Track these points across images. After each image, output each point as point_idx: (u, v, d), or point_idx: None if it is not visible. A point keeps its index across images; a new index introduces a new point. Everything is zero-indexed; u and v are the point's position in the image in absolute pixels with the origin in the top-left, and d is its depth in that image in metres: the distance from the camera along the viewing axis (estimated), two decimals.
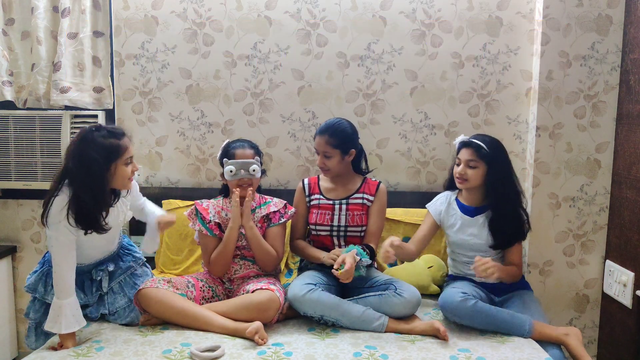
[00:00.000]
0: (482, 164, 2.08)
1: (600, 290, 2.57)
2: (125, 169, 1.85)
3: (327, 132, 2.16)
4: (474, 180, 2.10)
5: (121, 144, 1.82)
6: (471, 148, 2.09)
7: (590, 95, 2.47)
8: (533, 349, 1.82)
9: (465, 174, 2.10)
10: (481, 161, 2.08)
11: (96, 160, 1.76)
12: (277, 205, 2.17)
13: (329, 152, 2.16)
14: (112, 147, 1.80)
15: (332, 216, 2.19)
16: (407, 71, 2.60)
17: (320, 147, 2.17)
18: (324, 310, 1.94)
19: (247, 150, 2.12)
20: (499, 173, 2.09)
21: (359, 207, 2.20)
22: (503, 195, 2.10)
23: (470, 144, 2.10)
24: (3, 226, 2.79)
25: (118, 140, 1.82)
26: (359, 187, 2.24)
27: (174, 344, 1.79)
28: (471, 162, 2.09)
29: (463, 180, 2.11)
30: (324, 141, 2.15)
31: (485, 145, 2.08)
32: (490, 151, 2.08)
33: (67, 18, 2.52)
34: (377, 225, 2.20)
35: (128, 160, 1.85)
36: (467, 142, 2.12)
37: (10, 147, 2.63)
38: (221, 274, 2.13)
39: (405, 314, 1.98)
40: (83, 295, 1.96)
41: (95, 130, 1.81)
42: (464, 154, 2.11)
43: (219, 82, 2.65)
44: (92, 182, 1.76)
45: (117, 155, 1.81)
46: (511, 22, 2.55)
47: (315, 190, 2.26)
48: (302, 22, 2.59)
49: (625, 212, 2.38)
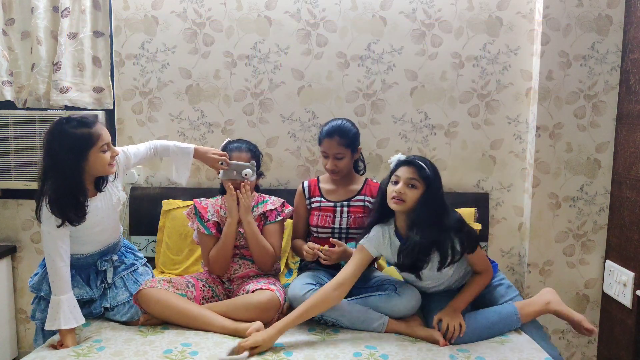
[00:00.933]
0: (422, 185, 1.89)
1: (600, 290, 2.57)
2: (103, 156, 1.83)
3: (336, 133, 2.14)
4: (410, 202, 1.89)
5: (93, 132, 1.80)
6: (413, 167, 1.90)
7: (590, 95, 2.47)
8: (533, 348, 1.82)
9: (404, 193, 1.88)
10: (421, 182, 1.89)
11: (70, 152, 1.76)
12: (275, 204, 2.18)
13: (341, 153, 2.14)
14: (84, 136, 1.78)
15: (333, 218, 2.18)
16: (407, 71, 2.60)
17: (332, 150, 2.14)
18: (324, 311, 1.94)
19: (243, 153, 2.13)
20: (434, 198, 1.91)
21: (361, 209, 2.19)
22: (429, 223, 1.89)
23: (412, 163, 1.91)
24: (3, 226, 2.79)
25: (90, 128, 1.79)
26: (360, 189, 2.23)
27: (174, 344, 1.79)
28: (412, 181, 1.89)
29: (400, 200, 1.88)
30: (336, 143, 2.13)
31: (427, 167, 1.91)
32: (430, 173, 1.90)
33: (67, 18, 2.52)
34: None
35: (104, 147, 1.83)
36: (408, 160, 1.94)
37: (10, 147, 2.63)
38: (221, 272, 2.13)
39: (405, 314, 1.98)
40: (89, 289, 1.98)
41: (65, 122, 1.79)
42: (404, 172, 1.91)
43: (219, 82, 2.65)
44: (68, 174, 1.77)
45: (90, 144, 1.79)
46: (511, 22, 2.55)
47: (315, 192, 2.25)
48: (302, 22, 2.59)
49: (625, 212, 2.38)
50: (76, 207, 1.80)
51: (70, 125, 1.78)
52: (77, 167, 1.78)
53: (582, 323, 1.91)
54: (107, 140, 1.84)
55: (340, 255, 2.05)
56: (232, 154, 2.13)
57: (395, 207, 1.91)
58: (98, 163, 1.83)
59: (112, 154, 1.86)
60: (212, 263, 2.10)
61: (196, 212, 2.15)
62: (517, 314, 1.93)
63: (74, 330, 1.81)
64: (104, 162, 1.84)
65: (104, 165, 1.84)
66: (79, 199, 1.81)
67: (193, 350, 1.75)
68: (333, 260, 2.04)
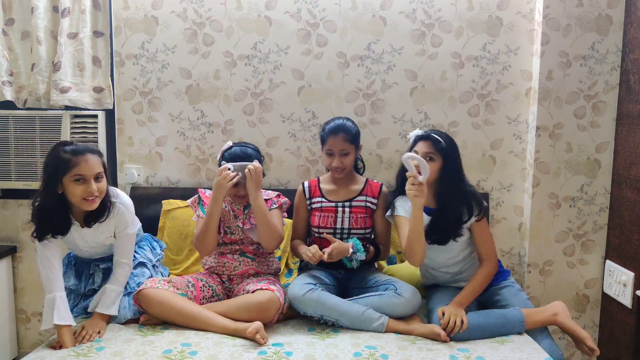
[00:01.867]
0: (439, 157, 2.03)
1: (600, 290, 2.57)
2: (75, 186, 1.81)
3: (341, 130, 2.14)
4: (431, 174, 1.99)
5: (72, 159, 1.80)
6: (429, 141, 2.04)
7: (590, 95, 2.47)
8: (533, 348, 1.82)
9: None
10: (438, 155, 2.03)
11: (49, 173, 1.83)
12: (269, 195, 2.19)
13: (347, 149, 2.15)
14: (62, 161, 1.80)
15: (335, 219, 2.18)
16: (407, 71, 2.60)
17: (338, 147, 2.14)
18: (324, 310, 1.94)
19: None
20: (452, 168, 2.05)
21: (362, 209, 2.19)
22: (452, 192, 2.04)
23: (429, 137, 2.05)
24: (3, 226, 2.79)
25: (72, 156, 1.81)
26: (362, 189, 2.23)
27: (174, 344, 1.79)
28: (429, 154, 2.02)
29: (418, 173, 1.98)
30: (341, 139, 2.13)
31: (442, 139, 2.04)
32: (446, 145, 2.03)
33: (67, 18, 2.52)
34: (384, 227, 2.22)
35: (77, 177, 1.81)
36: (424, 135, 2.06)
37: (10, 147, 2.63)
38: (206, 251, 2.10)
39: (405, 314, 1.98)
40: (77, 281, 2.04)
41: (62, 144, 1.86)
42: (421, 146, 2.04)
43: (219, 82, 2.65)
44: (48, 193, 1.83)
45: (63, 170, 1.80)
46: (511, 22, 2.55)
47: (316, 193, 2.25)
48: (302, 22, 2.59)
49: (625, 212, 2.38)
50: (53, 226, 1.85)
51: (62, 148, 1.83)
52: (53, 188, 1.82)
53: (586, 341, 1.89)
54: (85, 172, 1.81)
55: (340, 250, 2.04)
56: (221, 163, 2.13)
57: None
58: (70, 192, 1.83)
59: (86, 189, 1.81)
60: (196, 241, 2.08)
61: (200, 201, 2.16)
62: (523, 320, 1.93)
63: (71, 329, 1.82)
64: (75, 192, 1.82)
65: (74, 195, 1.82)
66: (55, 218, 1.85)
67: (193, 350, 1.75)
68: (335, 258, 2.03)
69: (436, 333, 1.87)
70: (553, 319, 1.96)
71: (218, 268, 2.16)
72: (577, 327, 1.93)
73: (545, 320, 1.97)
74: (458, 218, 2.05)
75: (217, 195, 2.03)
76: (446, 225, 2.05)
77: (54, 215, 1.85)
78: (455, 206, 2.05)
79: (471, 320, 1.90)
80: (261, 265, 2.17)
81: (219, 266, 2.16)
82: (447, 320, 1.88)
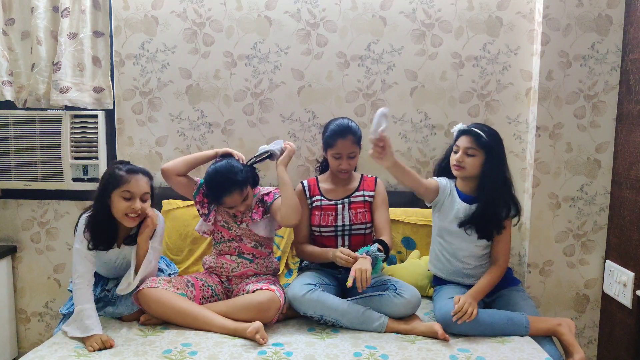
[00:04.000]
0: (481, 152, 2.08)
1: (600, 290, 2.57)
2: (121, 201, 1.92)
3: (349, 132, 2.15)
4: (471, 169, 2.09)
5: (124, 176, 1.93)
6: (470, 136, 2.09)
7: (590, 95, 2.47)
8: (533, 349, 1.82)
9: (463, 161, 2.09)
10: (480, 150, 2.08)
11: (102, 185, 1.95)
12: (267, 189, 2.21)
13: (354, 152, 2.18)
14: (115, 177, 1.93)
15: (335, 216, 2.19)
16: (407, 71, 2.60)
17: (347, 150, 2.15)
18: (324, 311, 1.94)
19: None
20: (495, 163, 2.09)
21: (361, 204, 2.21)
22: (495, 187, 2.08)
23: (470, 132, 2.09)
24: (3, 226, 2.79)
25: (125, 173, 1.94)
26: (358, 185, 2.25)
27: (174, 344, 1.79)
28: (469, 150, 2.08)
29: (460, 167, 2.10)
30: (350, 142, 2.15)
31: (484, 134, 2.08)
32: (489, 140, 2.08)
33: (67, 18, 2.52)
34: (384, 217, 2.21)
35: (126, 195, 1.91)
36: (466, 130, 2.11)
37: (10, 147, 2.63)
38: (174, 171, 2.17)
39: (405, 314, 1.98)
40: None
41: (120, 162, 2.00)
42: (463, 141, 2.10)
43: (219, 82, 2.65)
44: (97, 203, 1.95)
45: (115, 185, 1.92)
46: (511, 22, 2.55)
47: (315, 191, 2.26)
48: (302, 22, 2.59)
49: (625, 212, 2.38)
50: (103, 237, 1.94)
51: (117, 167, 1.97)
52: (104, 202, 1.93)
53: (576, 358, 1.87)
54: (134, 190, 1.92)
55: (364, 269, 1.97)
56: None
57: (456, 173, 2.13)
58: (115, 206, 1.92)
59: (131, 205, 1.92)
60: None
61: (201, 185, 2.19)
62: (528, 325, 1.93)
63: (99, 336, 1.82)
64: (120, 207, 1.92)
65: (118, 210, 1.93)
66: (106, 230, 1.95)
67: (193, 350, 1.75)
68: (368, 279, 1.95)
69: (435, 331, 1.87)
70: (556, 329, 1.94)
71: (217, 269, 2.16)
72: (576, 344, 1.90)
73: (548, 329, 1.95)
74: (499, 214, 2.08)
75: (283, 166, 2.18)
76: (488, 219, 2.07)
77: (105, 227, 1.94)
78: (496, 202, 2.08)
79: (477, 318, 1.91)
80: (260, 267, 2.17)
81: (218, 267, 2.16)
82: (462, 306, 1.91)
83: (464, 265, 2.15)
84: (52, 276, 2.80)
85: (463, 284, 2.14)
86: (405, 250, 2.48)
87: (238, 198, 2.04)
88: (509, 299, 2.09)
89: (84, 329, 1.81)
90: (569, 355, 1.89)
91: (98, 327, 1.83)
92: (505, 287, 2.16)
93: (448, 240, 2.17)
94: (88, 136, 2.61)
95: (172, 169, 2.16)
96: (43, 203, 2.76)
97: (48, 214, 2.77)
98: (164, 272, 2.21)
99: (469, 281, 2.13)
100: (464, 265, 2.15)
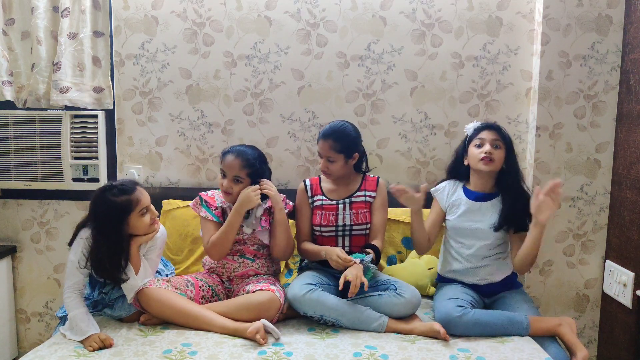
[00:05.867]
0: (504, 146, 2.13)
1: (600, 290, 2.57)
2: (142, 219, 1.96)
3: (331, 136, 2.13)
4: (498, 162, 2.11)
5: (132, 198, 1.93)
6: (494, 130, 2.14)
7: (590, 95, 2.47)
8: (533, 349, 1.82)
9: (492, 153, 2.10)
10: (503, 143, 2.13)
11: (111, 218, 1.90)
12: None
13: (332, 157, 2.14)
14: (124, 203, 1.92)
15: (336, 216, 2.18)
16: (407, 71, 2.60)
17: (324, 152, 2.15)
18: (324, 311, 1.94)
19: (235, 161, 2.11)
20: (514, 160, 2.16)
21: (362, 205, 2.20)
22: (519, 179, 2.14)
23: (494, 126, 2.15)
24: (3, 226, 2.79)
25: (129, 195, 1.93)
26: (359, 186, 2.24)
27: (174, 344, 1.79)
28: (497, 142, 2.12)
29: (490, 160, 2.10)
30: (328, 146, 2.13)
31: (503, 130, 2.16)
32: (507, 136, 2.15)
33: (67, 18, 2.52)
34: (381, 220, 2.21)
35: (143, 211, 1.95)
36: (490, 124, 2.17)
37: (10, 147, 2.63)
38: (219, 257, 2.12)
39: (405, 314, 1.98)
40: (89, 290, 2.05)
41: (107, 189, 1.94)
42: (487, 134, 2.13)
43: (219, 82, 2.65)
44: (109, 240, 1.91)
45: (130, 210, 1.92)
46: (511, 22, 2.55)
47: (317, 191, 2.25)
48: (302, 22, 2.59)
49: (625, 212, 2.38)
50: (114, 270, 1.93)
51: (112, 193, 1.92)
52: (118, 230, 1.92)
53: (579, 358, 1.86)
54: (147, 204, 1.97)
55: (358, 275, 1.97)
56: (224, 157, 2.13)
57: (485, 167, 2.11)
58: (138, 226, 1.95)
59: (151, 215, 1.98)
60: (211, 247, 2.09)
61: (202, 202, 2.17)
62: (528, 325, 1.93)
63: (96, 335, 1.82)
64: (144, 224, 1.96)
65: (143, 225, 1.97)
66: (119, 261, 1.93)
67: (193, 350, 1.75)
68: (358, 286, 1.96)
69: (435, 330, 1.87)
70: (557, 329, 1.94)
71: (218, 269, 2.17)
72: (578, 343, 1.89)
73: (549, 329, 1.94)
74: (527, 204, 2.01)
75: (242, 208, 2.07)
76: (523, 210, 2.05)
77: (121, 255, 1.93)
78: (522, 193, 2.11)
79: (477, 316, 1.92)
80: (261, 267, 2.17)
81: (219, 267, 2.16)
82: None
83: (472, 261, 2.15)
84: (52, 276, 2.80)
85: (470, 282, 2.14)
86: (405, 250, 2.48)
87: (236, 167, 2.08)
88: (510, 301, 2.09)
89: (81, 333, 1.83)
90: (572, 354, 1.89)
91: (94, 327, 1.84)
92: (506, 289, 2.16)
93: (456, 239, 2.18)
94: (88, 136, 2.61)
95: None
96: (43, 203, 2.76)
97: (48, 214, 2.77)
98: (161, 273, 2.21)
99: (475, 280, 2.14)
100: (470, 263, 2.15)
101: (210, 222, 2.13)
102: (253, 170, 2.10)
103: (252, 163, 2.10)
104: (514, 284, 2.20)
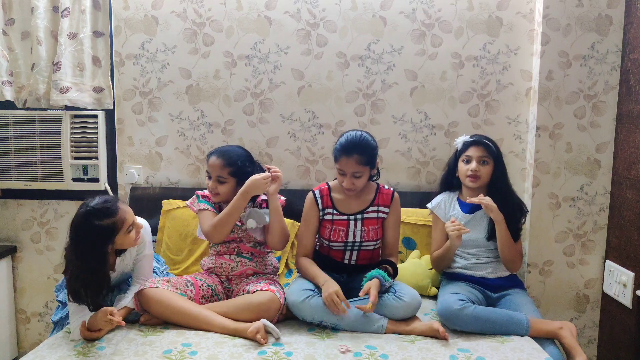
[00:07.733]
0: (491, 161, 2.20)
1: (600, 290, 2.57)
2: (129, 235, 1.90)
3: (355, 150, 2.00)
4: (485, 177, 2.19)
5: (117, 220, 1.83)
6: (481, 146, 2.20)
7: (590, 95, 2.47)
8: (533, 349, 1.82)
9: (479, 170, 2.18)
10: (490, 158, 2.19)
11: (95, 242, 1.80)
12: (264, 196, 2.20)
13: (359, 172, 2.02)
14: (109, 227, 1.82)
15: (346, 232, 2.12)
16: (407, 71, 2.60)
17: (350, 169, 2.01)
18: (323, 316, 1.93)
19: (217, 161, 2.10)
20: (503, 170, 2.22)
21: (374, 221, 2.14)
22: (508, 192, 2.22)
23: (481, 142, 2.21)
24: (3, 226, 2.80)
25: (114, 217, 1.82)
26: (373, 199, 2.15)
27: (174, 344, 1.79)
28: (483, 158, 2.18)
29: (476, 178, 2.18)
30: (355, 162, 2.00)
31: (491, 144, 2.21)
32: (495, 149, 2.21)
33: (67, 18, 2.52)
34: (395, 238, 2.18)
35: (130, 228, 1.89)
36: (476, 140, 2.22)
37: (10, 147, 2.63)
38: (219, 239, 2.10)
39: (404, 317, 1.97)
40: None
41: (90, 214, 1.80)
42: (475, 151, 2.20)
43: (219, 82, 2.65)
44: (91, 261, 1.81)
45: (115, 229, 1.83)
46: (511, 22, 2.55)
47: (327, 203, 2.15)
48: (302, 22, 2.59)
49: (625, 212, 2.38)
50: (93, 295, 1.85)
51: (96, 217, 1.80)
52: (102, 252, 1.82)
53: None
54: (132, 220, 1.90)
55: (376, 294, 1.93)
56: (208, 158, 2.13)
57: (471, 184, 2.19)
58: (125, 242, 1.91)
59: (136, 229, 1.92)
60: (212, 229, 2.06)
61: (198, 197, 2.17)
62: (528, 325, 1.93)
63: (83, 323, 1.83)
64: (131, 239, 1.92)
65: (131, 242, 1.92)
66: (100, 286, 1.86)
67: (193, 350, 1.75)
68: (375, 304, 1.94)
69: (435, 329, 1.87)
70: (557, 332, 1.93)
71: (216, 269, 2.16)
72: (578, 347, 1.88)
73: (549, 331, 1.94)
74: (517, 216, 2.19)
75: (248, 193, 2.03)
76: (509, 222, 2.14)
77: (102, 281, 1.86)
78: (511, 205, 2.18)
79: (477, 312, 1.93)
80: (259, 265, 2.17)
81: (217, 267, 2.16)
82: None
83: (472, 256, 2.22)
84: (52, 276, 2.80)
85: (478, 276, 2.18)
86: (405, 250, 2.48)
87: (218, 167, 2.08)
88: (512, 300, 2.09)
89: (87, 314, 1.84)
90: (571, 358, 1.88)
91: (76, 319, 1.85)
92: (508, 288, 2.17)
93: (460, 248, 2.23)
94: (88, 136, 2.61)
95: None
96: (43, 203, 2.76)
97: (48, 214, 2.77)
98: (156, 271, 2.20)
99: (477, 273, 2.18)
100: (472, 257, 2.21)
101: (208, 212, 2.12)
102: (235, 169, 2.09)
103: (233, 162, 2.09)
104: (516, 284, 2.21)
